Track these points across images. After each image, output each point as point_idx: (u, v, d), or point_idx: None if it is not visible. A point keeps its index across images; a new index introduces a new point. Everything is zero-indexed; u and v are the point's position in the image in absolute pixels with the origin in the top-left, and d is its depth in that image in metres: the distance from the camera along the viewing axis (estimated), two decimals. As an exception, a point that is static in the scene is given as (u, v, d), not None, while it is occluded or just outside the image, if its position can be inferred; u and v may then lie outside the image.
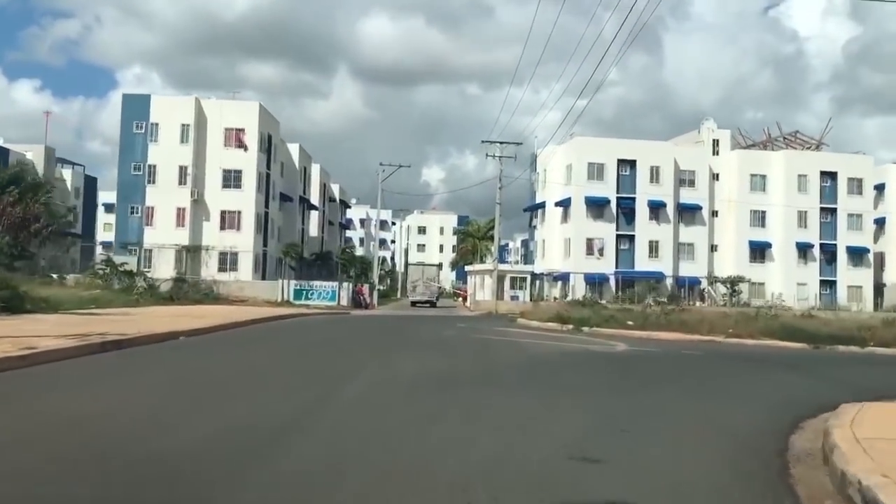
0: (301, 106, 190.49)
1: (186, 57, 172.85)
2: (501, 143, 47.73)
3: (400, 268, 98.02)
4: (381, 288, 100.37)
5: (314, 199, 73.16)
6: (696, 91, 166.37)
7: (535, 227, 64.50)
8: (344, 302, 48.20)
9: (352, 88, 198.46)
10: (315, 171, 74.16)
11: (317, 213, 74.02)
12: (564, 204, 57.42)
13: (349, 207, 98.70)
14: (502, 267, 53.17)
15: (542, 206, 61.02)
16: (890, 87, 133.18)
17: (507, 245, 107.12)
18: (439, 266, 76.05)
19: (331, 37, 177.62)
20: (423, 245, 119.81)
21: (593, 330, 24.64)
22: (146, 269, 47.85)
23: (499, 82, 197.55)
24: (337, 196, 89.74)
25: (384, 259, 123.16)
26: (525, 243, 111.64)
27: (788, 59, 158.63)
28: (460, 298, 71.15)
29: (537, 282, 56.42)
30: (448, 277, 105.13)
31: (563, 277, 55.81)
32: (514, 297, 53.28)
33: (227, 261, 50.50)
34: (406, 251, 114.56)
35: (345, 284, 49.15)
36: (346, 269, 55.41)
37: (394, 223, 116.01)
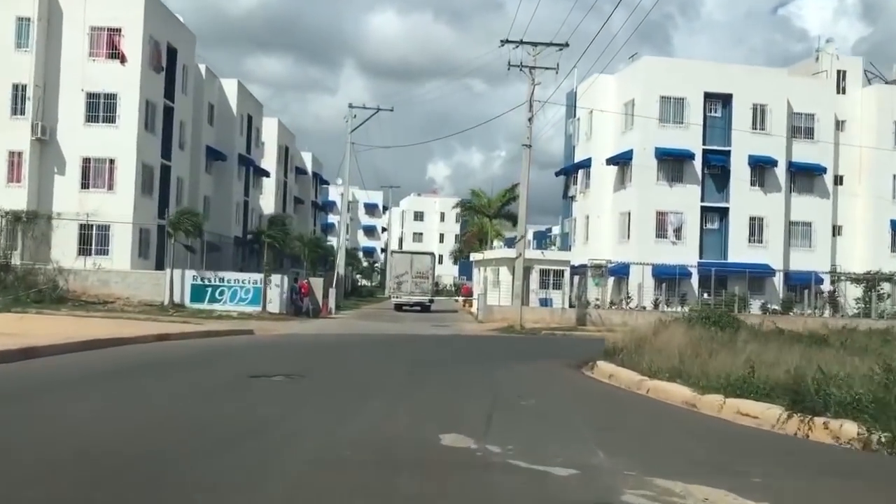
0: (307, 101, 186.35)
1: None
2: (534, 44, 28.56)
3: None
4: (367, 284, 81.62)
5: (269, 164, 54.21)
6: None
7: (572, 197, 44.56)
8: (275, 306, 29.92)
9: (358, 83, 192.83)
10: (270, 126, 55.06)
11: (272, 182, 55.00)
12: (622, 159, 38.02)
13: (327, 184, 79.24)
14: (530, 255, 34.03)
15: (586, 164, 41.36)
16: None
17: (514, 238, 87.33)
18: (437, 257, 56.99)
19: (338, 31, 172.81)
20: (420, 234, 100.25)
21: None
22: (-51, 250, 29.45)
23: (507, 79, 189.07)
24: (309, 167, 70.62)
25: (373, 250, 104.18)
26: (541, 236, 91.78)
27: (797, 59, 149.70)
28: (461, 299, 52.38)
29: (576, 278, 37.33)
30: (450, 272, 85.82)
31: (619, 271, 36.40)
32: (544, 301, 34.49)
33: (92, 238, 31.49)
34: (400, 240, 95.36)
35: (275, 278, 30.38)
36: (280, 252, 36.39)
37: (385, 207, 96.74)
